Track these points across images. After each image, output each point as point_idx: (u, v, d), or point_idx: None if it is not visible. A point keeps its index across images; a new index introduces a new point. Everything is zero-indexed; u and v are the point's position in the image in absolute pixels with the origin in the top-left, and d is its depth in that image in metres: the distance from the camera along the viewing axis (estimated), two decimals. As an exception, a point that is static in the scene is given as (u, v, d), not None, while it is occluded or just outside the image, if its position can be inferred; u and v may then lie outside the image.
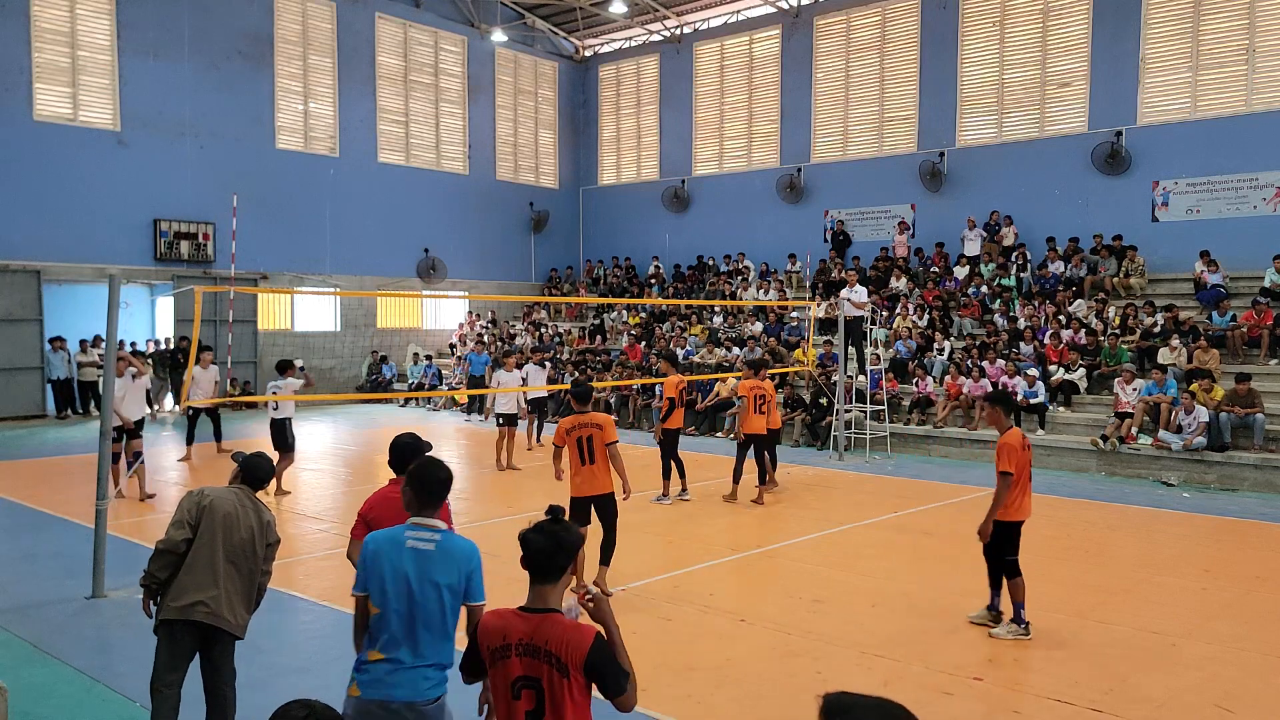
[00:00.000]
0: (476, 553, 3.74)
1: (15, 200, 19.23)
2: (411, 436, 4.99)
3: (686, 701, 5.63)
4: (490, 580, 3.88)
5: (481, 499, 12.38)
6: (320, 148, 24.39)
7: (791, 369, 18.29)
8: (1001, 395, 7.27)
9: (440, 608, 3.63)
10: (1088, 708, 5.54)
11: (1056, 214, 20.48)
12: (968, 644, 6.65)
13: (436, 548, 3.65)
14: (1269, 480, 12.99)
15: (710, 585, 8.15)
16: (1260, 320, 15.70)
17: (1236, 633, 6.93)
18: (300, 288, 23.42)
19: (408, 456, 4.88)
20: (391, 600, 3.61)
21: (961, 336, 18.96)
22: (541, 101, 29.86)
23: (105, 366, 8.07)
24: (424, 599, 3.60)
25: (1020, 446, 6.79)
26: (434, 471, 3.80)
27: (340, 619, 7.11)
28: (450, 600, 3.65)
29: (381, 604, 3.63)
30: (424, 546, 3.64)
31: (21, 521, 10.55)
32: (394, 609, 3.61)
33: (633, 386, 19.58)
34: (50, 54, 19.87)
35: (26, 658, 6.35)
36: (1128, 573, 8.59)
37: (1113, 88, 20.05)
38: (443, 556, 3.65)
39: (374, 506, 4.82)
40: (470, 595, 3.71)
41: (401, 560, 3.62)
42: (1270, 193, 18.14)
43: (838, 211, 24.37)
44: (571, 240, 30.53)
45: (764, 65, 26.03)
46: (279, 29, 23.42)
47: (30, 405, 19.57)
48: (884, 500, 12.09)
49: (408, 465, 4.87)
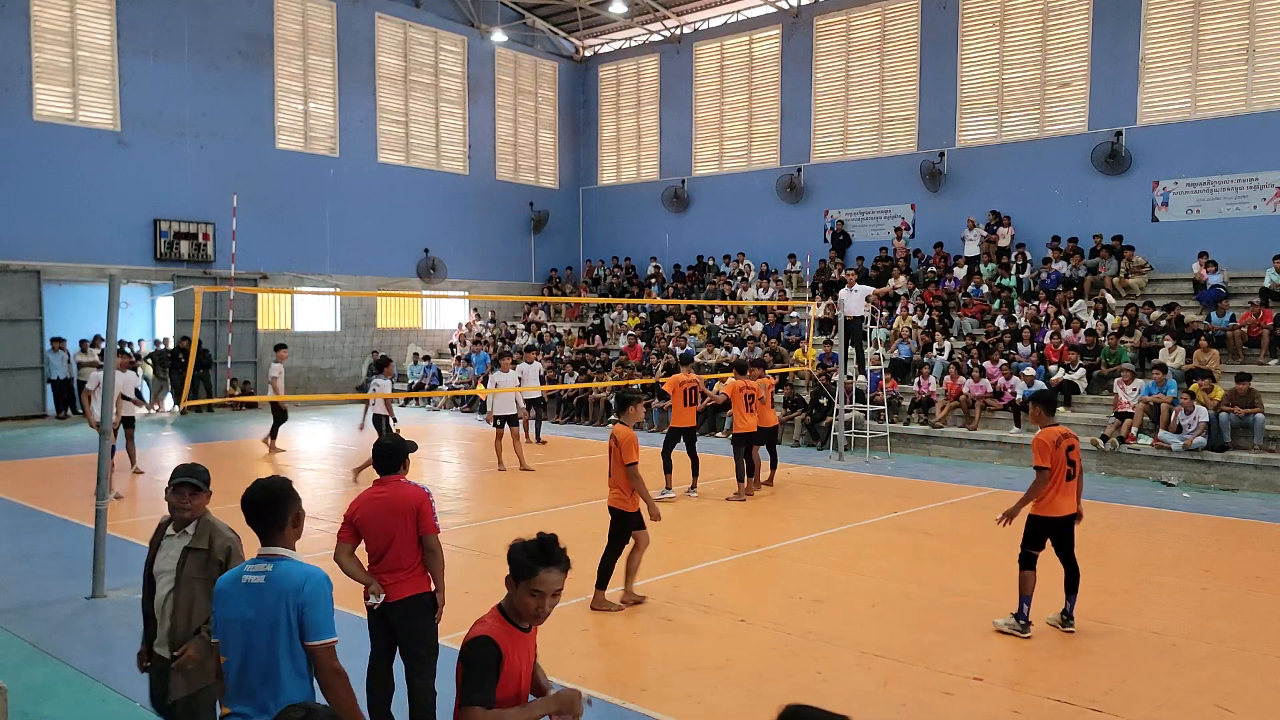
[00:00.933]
0: (313, 581, 3.18)
1: (15, 200, 19.23)
2: (393, 437, 5.00)
3: (686, 701, 5.63)
4: (492, 583, 3.82)
5: (481, 499, 12.38)
6: (320, 148, 24.39)
7: (791, 369, 18.30)
8: (1040, 394, 7.34)
9: (272, 652, 3.12)
10: (1088, 708, 5.54)
11: (1056, 214, 20.48)
12: (968, 644, 6.64)
13: (266, 579, 3.18)
14: (1269, 480, 12.99)
15: (710, 585, 8.14)
16: (1259, 320, 15.70)
17: (1236, 633, 6.93)
18: (300, 288, 23.42)
19: (390, 458, 4.89)
20: (230, 647, 3.18)
21: (961, 336, 18.97)
22: (541, 101, 29.86)
23: (105, 366, 8.07)
24: (258, 642, 3.13)
25: (1053, 444, 6.80)
26: (260, 493, 3.34)
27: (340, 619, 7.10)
28: (285, 641, 3.12)
29: (224, 651, 3.21)
30: (255, 580, 3.18)
31: (21, 521, 10.54)
32: (231, 656, 3.19)
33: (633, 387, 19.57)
34: (50, 54, 19.87)
35: (26, 658, 6.35)
36: (1128, 573, 8.59)
37: (1113, 88, 20.05)
38: (271, 590, 3.16)
39: (358, 509, 4.83)
40: (307, 632, 3.14)
41: (240, 600, 3.19)
42: (1270, 193, 18.14)
43: (838, 211, 24.37)
44: (571, 240, 30.53)
45: (764, 65, 26.03)
46: (279, 29, 23.42)
47: (30, 405, 19.56)
48: (884, 500, 12.09)
49: (394, 466, 4.89)
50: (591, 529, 10.25)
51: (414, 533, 4.71)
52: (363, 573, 4.80)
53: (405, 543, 4.71)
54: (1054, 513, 6.85)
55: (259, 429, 19.42)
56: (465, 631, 3.11)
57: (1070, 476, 6.86)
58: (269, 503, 3.33)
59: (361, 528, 4.78)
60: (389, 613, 4.72)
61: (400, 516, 4.70)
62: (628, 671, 6.11)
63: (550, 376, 21.03)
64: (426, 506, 4.75)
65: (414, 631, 4.76)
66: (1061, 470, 6.81)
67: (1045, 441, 6.82)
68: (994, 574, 8.82)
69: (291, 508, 3.38)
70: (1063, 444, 6.85)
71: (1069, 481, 6.86)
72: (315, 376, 23.90)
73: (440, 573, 4.82)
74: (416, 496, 4.76)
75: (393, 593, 4.69)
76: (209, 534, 4.13)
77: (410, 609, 4.73)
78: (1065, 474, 6.83)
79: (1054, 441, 6.82)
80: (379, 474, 4.89)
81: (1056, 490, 6.83)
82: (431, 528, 4.74)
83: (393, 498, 4.75)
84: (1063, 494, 6.85)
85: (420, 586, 4.76)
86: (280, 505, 3.35)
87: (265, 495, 3.34)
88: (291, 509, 3.38)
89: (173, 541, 4.16)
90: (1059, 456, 6.80)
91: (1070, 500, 6.91)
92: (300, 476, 13.89)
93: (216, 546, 4.09)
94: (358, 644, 4.94)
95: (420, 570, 4.76)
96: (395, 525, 4.69)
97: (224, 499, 4.66)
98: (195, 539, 4.11)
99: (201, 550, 4.07)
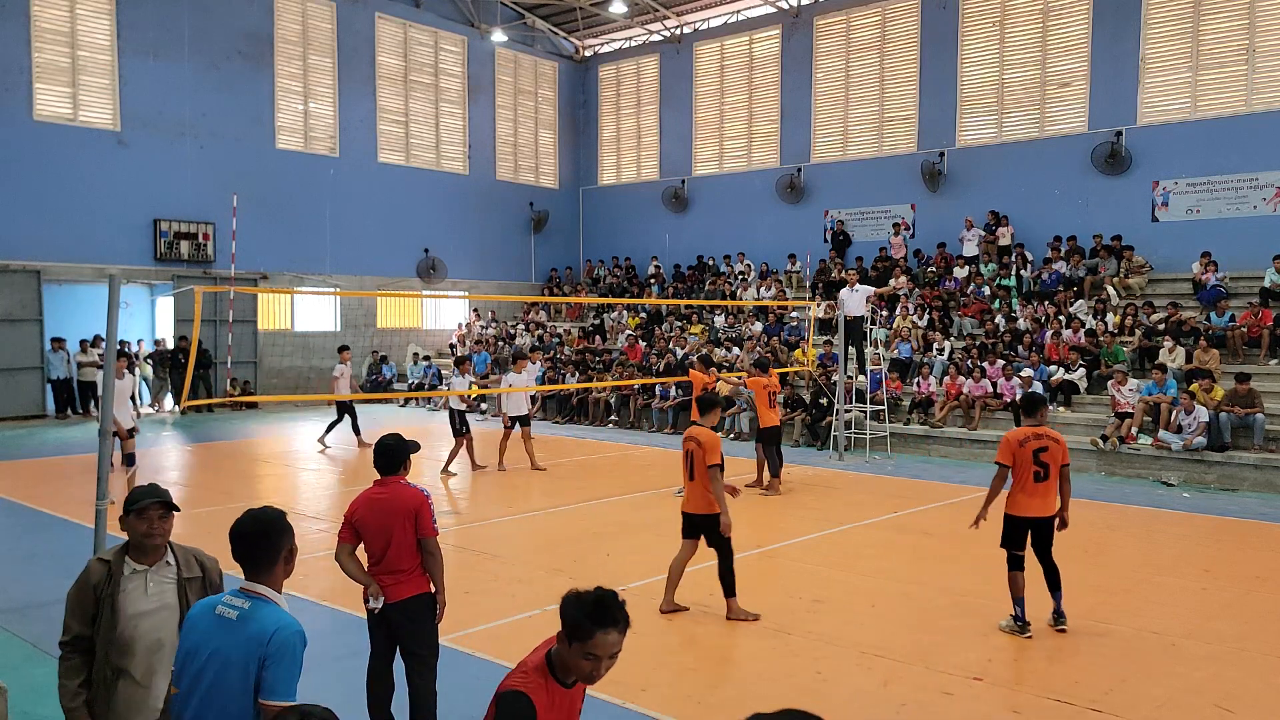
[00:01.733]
0: (282, 634, 2.91)
1: (15, 200, 19.23)
2: (395, 437, 4.95)
3: (686, 702, 5.63)
4: (492, 583, 3.82)
5: (482, 499, 12.38)
6: (320, 148, 24.39)
7: (791, 369, 18.29)
8: (1024, 396, 7.35)
9: (231, 695, 2.88)
10: (1088, 708, 5.54)
11: (1056, 214, 20.48)
12: (968, 644, 6.65)
13: (239, 617, 2.94)
14: (1269, 480, 12.99)
15: (710, 585, 8.13)
16: (1259, 320, 15.70)
17: (1236, 633, 6.93)
18: (300, 288, 23.42)
19: (391, 458, 4.85)
20: (185, 678, 2.95)
21: (961, 336, 18.97)
22: (541, 101, 29.87)
23: (105, 366, 8.07)
24: (215, 680, 2.89)
25: (1017, 443, 6.83)
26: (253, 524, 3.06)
27: (340, 619, 7.12)
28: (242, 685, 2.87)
29: (177, 682, 2.98)
30: (229, 615, 2.96)
31: (21, 521, 10.55)
32: (186, 690, 2.94)
33: (634, 387, 19.59)
34: (50, 54, 19.87)
35: (26, 658, 6.36)
36: (1128, 573, 8.59)
37: (1113, 88, 20.05)
38: (241, 630, 2.92)
39: (357, 509, 4.81)
40: (262, 688, 2.86)
41: (210, 631, 2.96)
42: (1270, 193, 18.14)
43: (838, 211, 24.37)
44: (571, 240, 30.54)
45: (764, 65, 26.03)
46: (279, 29, 23.42)
47: (30, 405, 19.56)
48: (884, 500, 12.09)
49: (394, 466, 4.86)
50: (591, 529, 10.26)
51: (413, 535, 4.70)
52: (363, 574, 4.79)
53: (404, 544, 4.69)
54: (1020, 512, 6.87)
55: (259, 429, 19.46)
56: (465, 632, 3.08)
57: (1040, 478, 6.83)
58: (261, 534, 3.03)
59: (360, 528, 4.78)
60: (389, 613, 4.72)
61: (399, 518, 4.68)
62: (628, 671, 6.10)
63: (550, 376, 21.04)
64: (425, 509, 4.73)
65: (414, 632, 4.76)
66: (1027, 470, 6.80)
67: (1010, 439, 6.89)
68: (994, 574, 8.82)
69: (286, 542, 3.08)
70: (1029, 444, 6.83)
71: (1037, 483, 6.83)
72: (315, 376, 23.87)
73: (440, 575, 4.81)
74: (415, 499, 4.73)
75: (392, 594, 4.69)
76: (192, 558, 3.65)
77: (410, 610, 4.73)
78: (1032, 475, 6.81)
79: (1019, 441, 6.84)
80: (379, 474, 4.86)
81: (1021, 490, 6.85)
82: (430, 531, 4.72)
83: (392, 499, 4.73)
84: (1029, 494, 6.85)
85: (420, 587, 4.75)
86: (274, 538, 3.05)
87: (258, 526, 3.04)
88: (285, 544, 3.08)
89: (145, 577, 3.52)
90: (1023, 456, 6.80)
91: (1040, 502, 6.88)
92: (300, 477, 13.90)
93: (209, 568, 3.67)
94: (358, 644, 4.95)
95: (419, 571, 4.75)
96: (394, 527, 4.68)
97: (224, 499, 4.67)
98: (185, 568, 3.60)
99: (197, 578, 3.61)
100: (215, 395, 20.97)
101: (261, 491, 12.37)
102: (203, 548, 3.79)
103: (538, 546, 9.26)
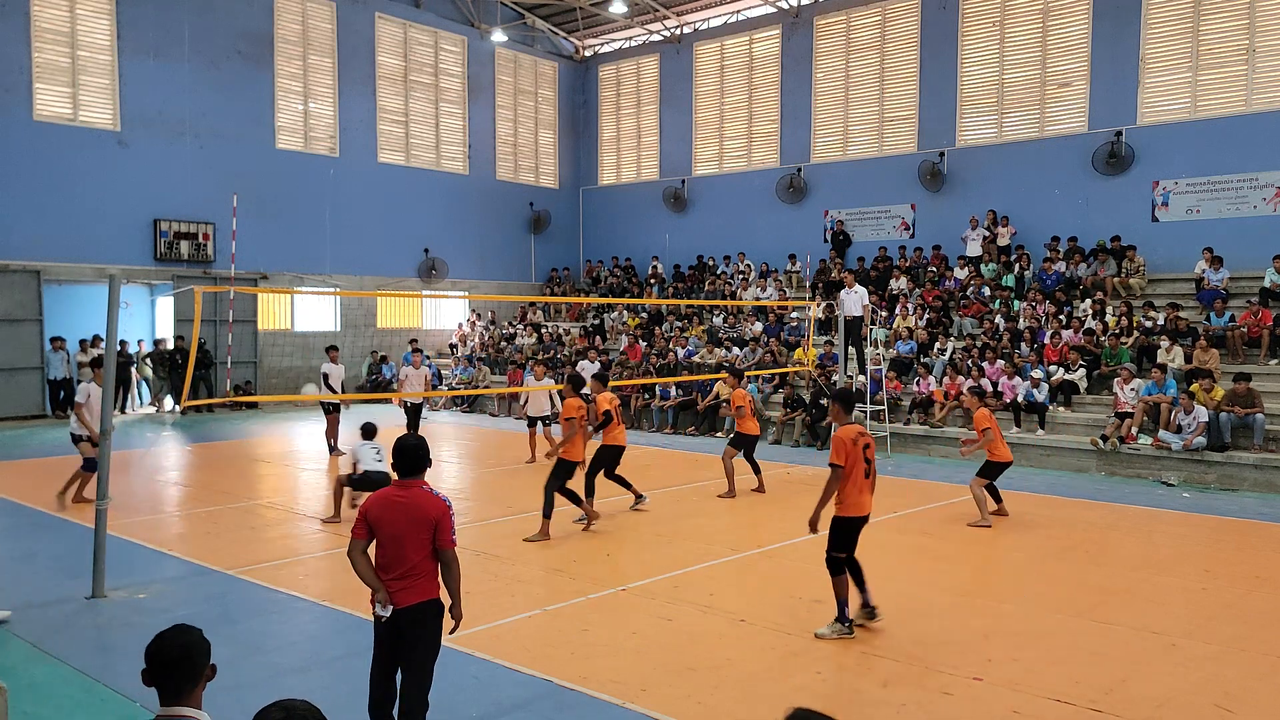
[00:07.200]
0: None
1: (15, 200, 19.23)
2: (416, 437, 4.88)
3: (686, 702, 5.63)
4: (492, 583, 3.81)
5: (482, 499, 12.38)
6: (320, 148, 24.39)
7: (791, 369, 18.30)
8: (840, 392, 7.30)
9: None
10: (1088, 708, 5.54)
11: (1056, 214, 20.49)
12: (967, 644, 6.65)
13: None
14: (1269, 480, 12.99)
15: (710, 585, 8.14)
16: (1259, 320, 15.70)
17: (1236, 633, 6.93)
18: (300, 288, 23.42)
19: (413, 460, 4.78)
20: None
21: (961, 336, 18.97)
22: (541, 101, 29.87)
23: (105, 366, 8.07)
24: None
25: (851, 441, 6.79)
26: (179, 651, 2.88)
27: (341, 619, 7.12)
28: None
29: None
30: None
31: (21, 521, 10.54)
32: None
33: (633, 387, 19.59)
34: (50, 54, 19.87)
35: (26, 658, 6.35)
36: (1128, 572, 8.59)
37: (1113, 88, 20.05)
38: None
39: (374, 507, 4.75)
40: None
41: None
42: (1270, 193, 18.14)
43: (838, 211, 24.38)
44: (571, 240, 30.54)
45: (764, 65, 26.03)
46: (279, 29, 23.42)
47: (30, 405, 19.56)
48: (883, 500, 12.00)
49: (416, 469, 4.79)
50: (591, 528, 10.27)
51: (429, 543, 4.60)
52: (373, 577, 4.64)
53: (417, 550, 4.60)
54: (859, 512, 6.86)
55: (259, 429, 19.46)
56: (465, 632, 3.06)
57: (868, 475, 6.88)
58: (185, 659, 2.88)
59: (376, 527, 4.65)
60: (398, 617, 4.64)
61: (417, 525, 4.59)
62: (628, 671, 6.10)
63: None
64: (446, 520, 4.63)
65: (421, 636, 4.70)
66: (860, 468, 6.82)
67: (844, 439, 6.79)
68: (994, 574, 8.83)
69: (207, 660, 2.95)
70: (860, 441, 6.84)
71: (866, 479, 6.87)
72: (315, 376, 23.81)
73: (457, 586, 4.73)
74: (437, 509, 4.62)
75: (401, 599, 4.59)
76: None
77: (419, 615, 4.64)
78: (863, 472, 6.84)
79: (851, 439, 6.80)
80: (399, 476, 4.74)
81: (856, 489, 6.83)
82: (449, 542, 4.63)
83: (411, 505, 4.63)
84: (861, 491, 6.86)
85: (429, 593, 4.65)
86: (197, 660, 2.91)
87: (182, 652, 2.88)
88: (207, 662, 2.95)
89: None
90: (856, 454, 6.80)
91: (869, 499, 6.93)
92: (300, 477, 13.90)
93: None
94: (358, 644, 4.94)
95: (431, 576, 4.67)
96: (409, 532, 4.59)
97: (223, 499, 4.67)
98: None
99: None
100: (215, 395, 20.97)
101: (262, 492, 12.36)
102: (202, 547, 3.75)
103: (538, 546, 9.29)
